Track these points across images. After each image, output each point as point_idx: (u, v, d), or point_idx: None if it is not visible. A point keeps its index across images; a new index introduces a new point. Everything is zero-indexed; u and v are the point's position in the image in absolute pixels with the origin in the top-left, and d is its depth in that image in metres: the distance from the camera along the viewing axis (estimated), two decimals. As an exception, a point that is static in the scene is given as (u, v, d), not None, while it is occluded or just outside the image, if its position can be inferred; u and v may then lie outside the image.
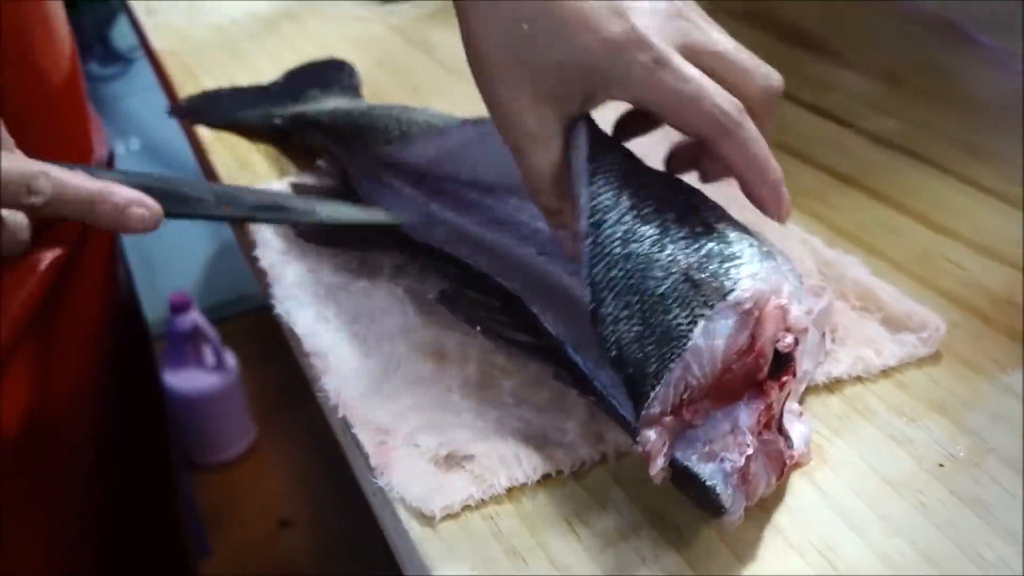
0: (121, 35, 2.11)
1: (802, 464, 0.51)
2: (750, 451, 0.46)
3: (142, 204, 0.56)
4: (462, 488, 0.51)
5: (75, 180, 0.54)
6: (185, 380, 2.03)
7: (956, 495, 0.49)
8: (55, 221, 0.62)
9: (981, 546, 0.46)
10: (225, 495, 2.09)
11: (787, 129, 0.80)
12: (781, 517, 0.49)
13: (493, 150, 0.60)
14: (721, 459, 0.46)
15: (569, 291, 0.57)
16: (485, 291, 0.60)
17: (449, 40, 1.01)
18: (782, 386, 0.48)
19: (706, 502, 0.46)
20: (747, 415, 0.48)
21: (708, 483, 0.45)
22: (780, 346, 0.48)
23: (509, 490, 0.51)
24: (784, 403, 0.49)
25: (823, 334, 0.56)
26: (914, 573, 0.45)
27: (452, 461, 0.53)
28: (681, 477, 0.47)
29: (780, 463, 0.49)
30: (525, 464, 0.52)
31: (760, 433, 0.48)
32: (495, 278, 0.59)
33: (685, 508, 0.49)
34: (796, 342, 0.49)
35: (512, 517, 0.50)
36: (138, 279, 2.10)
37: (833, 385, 0.56)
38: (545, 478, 0.52)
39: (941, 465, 0.50)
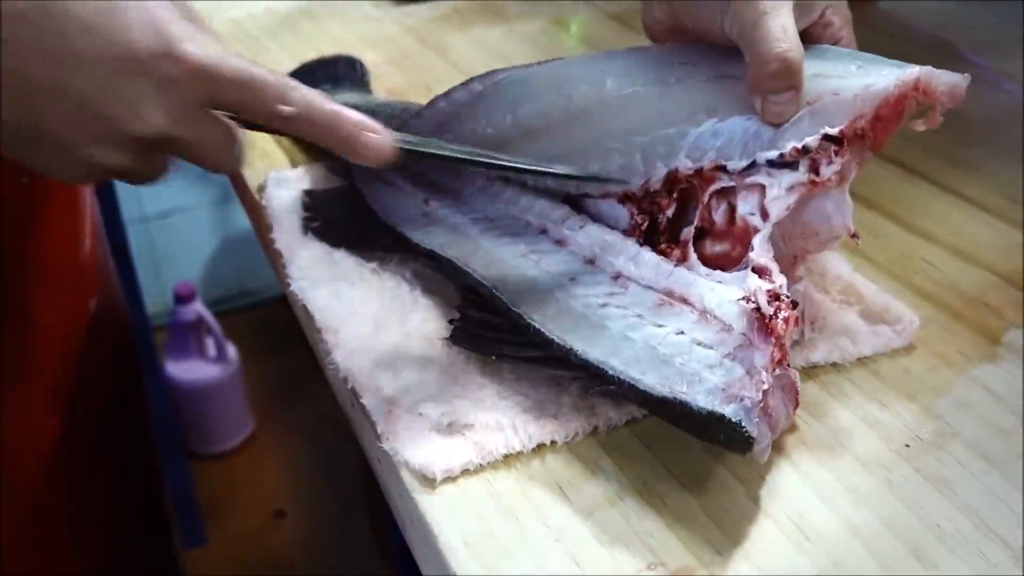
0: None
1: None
2: (766, 387, 0.50)
3: (374, 130, 0.55)
4: (462, 454, 0.55)
5: (316, 96, 0.54)
6: (186, 370, 2.07)
7: (920, 473, 0.53)
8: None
9: (941, 519, 0.50)
10: (222, 485, 2.12)
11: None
12: (757, 489, 0.52)
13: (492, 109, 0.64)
14: (741, 398, 0.50)
15: (557, 291, 0.61)
16: (488, 307, 0.62)
17: (463, 41, 1.05)
18: (788, 322, 0.53)
19: (734, 439, 0.50)
20: (760, 355, 0.52)
21: (733, 420, 0.50)
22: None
23: (506, 457, 0.55)
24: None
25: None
26: (877, 541, 0.49)
27: (453, 429, 0.56)
28: (707, 422, 0.51)
29: (795, 394, 0.53)
30: (521, 433, 0.56)
31: (774, 369, 0.52)
32: (493, 292, 0.62)
33: (668, 478, 0.53)
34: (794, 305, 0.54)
35: (508, 481, 0.54)
36: (143, 269, 2.15)
37: (811, 371, 0.59)
38: (540, 447, 0.55)
39: (907, 446, 0.54)
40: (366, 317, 0.65)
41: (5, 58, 0.48)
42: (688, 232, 0.60)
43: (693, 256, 0.59)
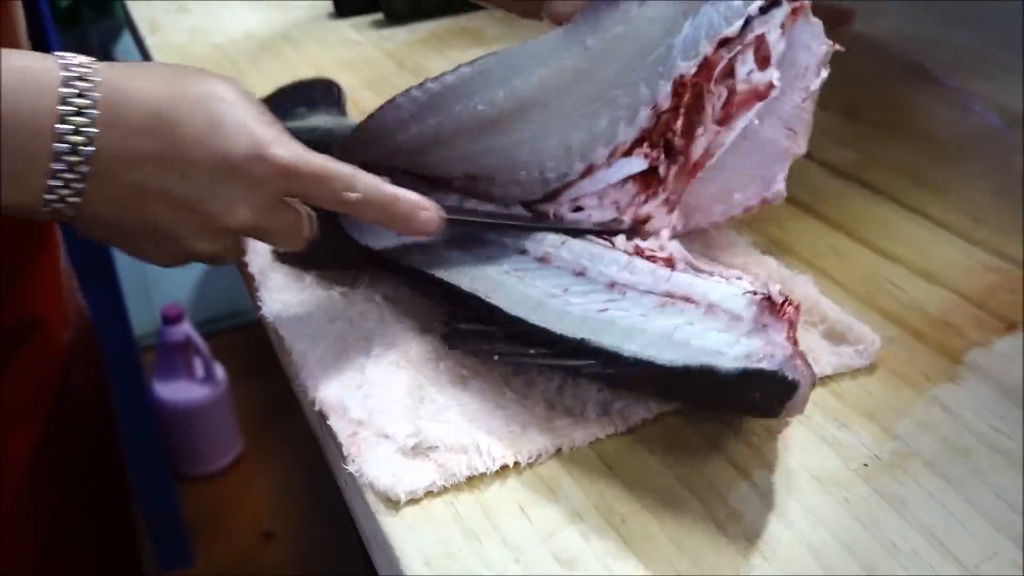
0: (125, 51, 2.15)
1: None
2: (790, 351, 0.51)
3: (427, 208, 0.61)
4: (426, 476, 0.55)
5: (378, 183, 0.60)
6: (174, 391, 2.07)
7: (878, 493, 0.53)
8: None
9: (897, 539, 0.51)
10: (210, 506, 2.12)
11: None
12: (717, 509, 0.53)
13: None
14: (772, 355, 0.51)
15: (552, 301, 0.61)
16: (479, 318, 0.62)
17: (441, 64, 1.05)
18: (798, 311, 0.54)
19: (772, 392, 0.51)
20: (777, 332, 0.53)
21: (771, 369, 0.50)
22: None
23: (469, 478, 0.56)
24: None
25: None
26: (834, 562, 0.49)
27: (418, 451, 0.57)
28: (739, 384, 0.51)
29: (812, 371, 0.52)
30: (485, 455, 0.56)
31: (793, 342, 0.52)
32: (486, 300, 0.62)
33: (629, 499, 0.54)
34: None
35: (470, 502, 0.54)
36: (131, 290, 2.15)
37: (773, 391, 0.60)
38: (503, 468, 0.56)
39: (866, 465, 0.55)
40: (335, 340, 0.65)
41: (125, 170, 0.55)
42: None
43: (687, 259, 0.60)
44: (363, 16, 1.18)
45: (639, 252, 0.61)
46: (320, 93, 0.94)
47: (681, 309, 0.56)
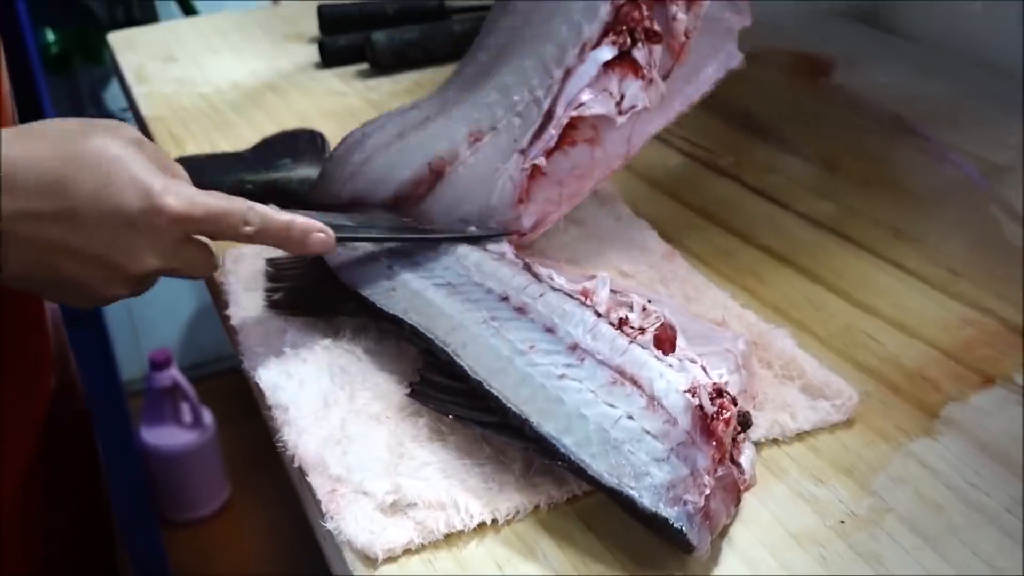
0: (115, 96, 2.17)
1: (751, 485, 0.56)
2: (708, 491, 0.52)
3: (321, 230, 0.67)
4: (404, 534, 0.56)
5: (272, 212, 0.65)
6: (162, 436, 2.06)
7: (854, 549, 0.53)
8: None
9: (872, 596, 0.51)
10: (197, 552, 2.10)
11: (730, 209, 0.85)
12: (693, 566, 0.53)
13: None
14: (684, 502, 0.52)
15: (517, 359, 0.62)
16: (448, 371, 0.64)
17: (423, 116, 1.07)
18: (728, 423, 0.54)
19: (676, 542, 0.52)
20: (703, 457, 0.54)
21: (676, 525, 0.52)
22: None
23: (447, 536, 0.56)
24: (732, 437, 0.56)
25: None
26: (810, 619, 0.50)
27: (397, 508, 0.57)
28: (652, 519, 0.53)
29: (736, 492, 0.55)
30: (463, 512, 0.56)
31: (715, 471, 0.53)
32: (455, 358, 0.63)
33: (607, 558, 0.54)
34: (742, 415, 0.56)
35: (448, 560, 0.55)
36: (119, 334, 2.15)
37: (750, 447, 0.60)
38: (481, 526, 0.56)
39: (842, 522, 0.55)
40: (316, 394, 0.66)
41: (29, 229, 0.59)
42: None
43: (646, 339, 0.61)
44: (349, 66, 1.19)
45: (622, 323, 0.61)
46: (304, 143, 0.95)
47: (628, 393, 0.57)
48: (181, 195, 0.61)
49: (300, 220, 0.66)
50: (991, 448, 0.60)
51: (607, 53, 0.72)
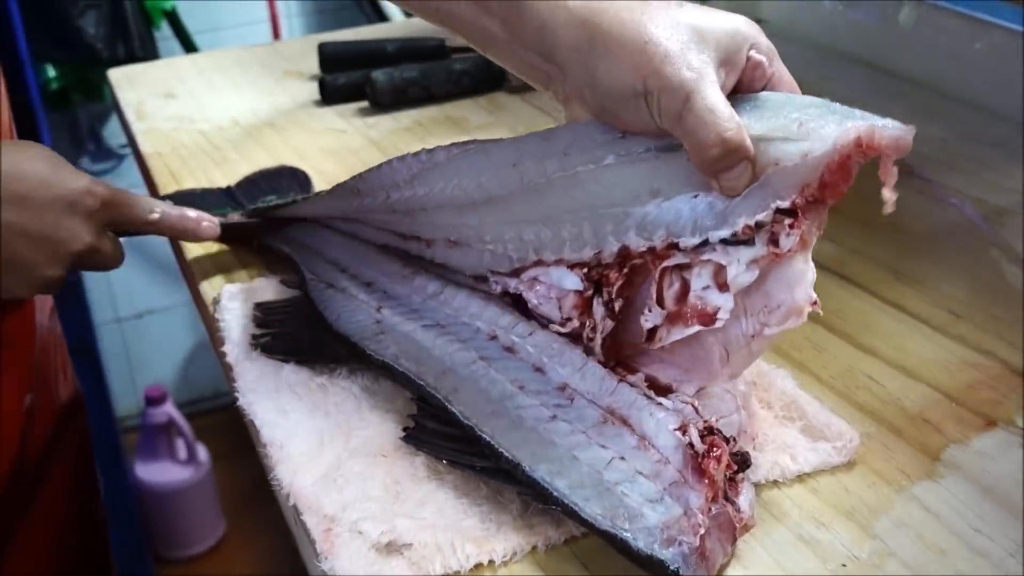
0: (113, 133, 2.17)
1: (751, 526, 0.55)
2: (703, 531, 0.52)
3: (208, 219, 0.80)
4: (399, 575, 0.55)
5: (168, 205, 0.80)
6: (156, 472, 2.05)
7: (856, 595, 0.53)
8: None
9: (875, 642, 0.50)
10: (190, 590, 2.09)
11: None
12: (693, 610, 0.52)
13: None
14: (679, 543, 0.52)
15: (507, 401, 0.61)
16: (441, 416, 0.63)
17: (422, 153, 1.07)
18: (719, 461, 0.53)
19: None
20: (696, 496, 0.53)
21: (672, 567, 0.51)
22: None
23: (443, 577, 0.55)
24: (726, 474, 0.55)
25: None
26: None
27: (392, 548, 0.56)
28: (647, 562, 0.52)
29: (732, 531, 0.54)
30: (459, 553, 0.56)
31: (709, 509, 0.53)
32: (446, 404, 0.63)
33: (605, 599, 0.53)
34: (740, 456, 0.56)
35: (444, 603, 0.54)
36: (115, 370, 2.14)
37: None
38: (477, 566, 0.55)
39: (844, 566, 0.54)
40: (311, 433, 0.65)
41: None
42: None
43: (637, 377, 0.60)
44: (349, 104, 1.19)
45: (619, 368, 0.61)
46: (287, 180, 0.95)
47: (618, 433, 0.57)
48: (107, 184, 0.75)
49: (191, 212, 0.80)
50: (994, 492, 0.59)
51: (572, 283, 0.63)
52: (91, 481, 1.01)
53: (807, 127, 0.54)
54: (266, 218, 0.85)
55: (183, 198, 0.90)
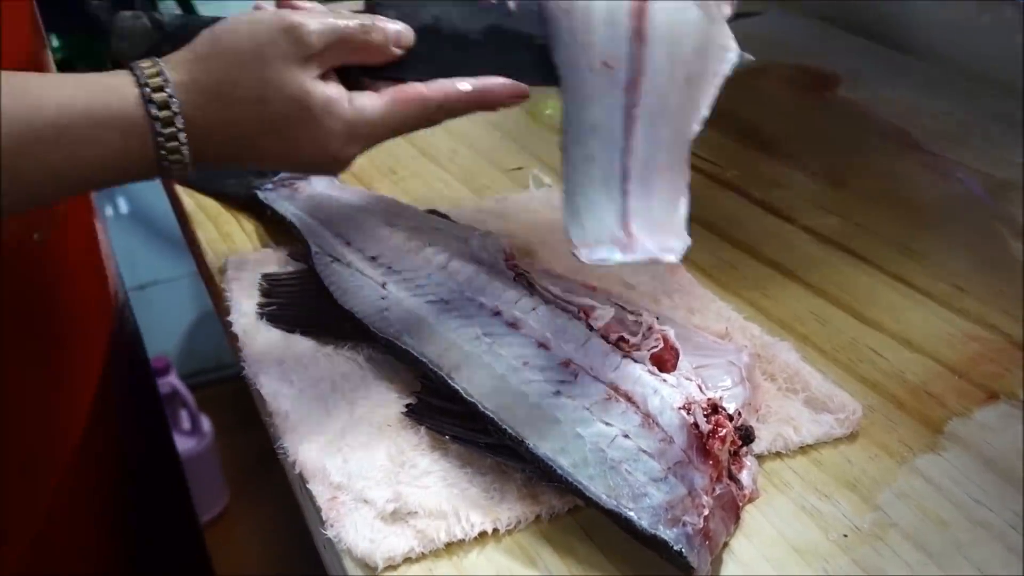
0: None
1: (754, 498, 0.56)
2: (707, 511, 0.52)
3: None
4: (404, 542, 0.55)
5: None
6: (160, 443, 2.06)
7: (858, 564, 0.53)
8: None
9: (875, 611, 0.50)
10: (194, 560, 2.10)
11: (736, 223, 0.85)
12: (696, 578, 0.53)
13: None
14: (683, 523, 0.52)
15: (511, 377, 0.61)
16: (444, 393, 0.63)
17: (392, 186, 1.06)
18: (723, 441, 0.54)
19: (676, 563, 0.52)
20: (700, 477, 0.53)
21: (675, 547, 0.52)
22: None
23: (448, 544, 0.55)
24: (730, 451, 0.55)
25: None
26: (812, 633, 0.49)
27: (397, 516, 0.57)
28: (651, 540, 0.52)
29: (735, 509, 0.54)
30: (464, 521, 0.56)
31: (714, 489, 0.53)
32: (449, 381, 0.63)
33: (607, 568, 0.54)
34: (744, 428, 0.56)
35: (449, 569, 0.54)
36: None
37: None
38: (482, 535, 0.56)
39: (845, 536, 0.55)
40: (317, 402, 0.65)
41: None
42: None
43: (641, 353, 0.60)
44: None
45: (620, 341, 0.61)
46: None
47: (622, 411, 0.57)
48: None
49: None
50: (995, 464, 0.59)
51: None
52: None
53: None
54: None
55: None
